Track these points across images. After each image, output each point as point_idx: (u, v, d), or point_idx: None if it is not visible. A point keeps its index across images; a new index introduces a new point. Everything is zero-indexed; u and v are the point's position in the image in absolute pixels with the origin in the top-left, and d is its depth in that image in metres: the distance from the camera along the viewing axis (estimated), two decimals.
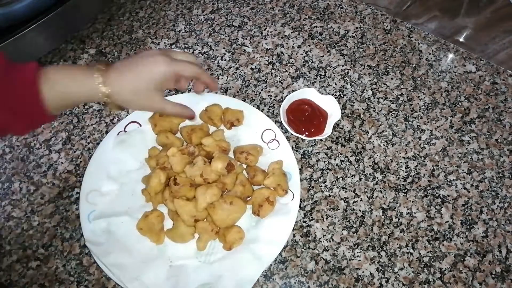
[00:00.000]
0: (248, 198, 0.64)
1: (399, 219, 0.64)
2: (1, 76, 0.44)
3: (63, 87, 0.47)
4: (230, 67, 0.79)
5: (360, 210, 0.65)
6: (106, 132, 0.72)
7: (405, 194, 0.66)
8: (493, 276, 0.60)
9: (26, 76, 0.45)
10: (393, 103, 0.74)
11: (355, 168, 0.68)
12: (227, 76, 0.78)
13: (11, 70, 0.45)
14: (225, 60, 0.80)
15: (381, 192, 0.66)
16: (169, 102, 0.55)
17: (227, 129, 0.70)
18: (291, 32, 0.83)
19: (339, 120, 0.70)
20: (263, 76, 0.78)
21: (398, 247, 0.62)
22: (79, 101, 0.52)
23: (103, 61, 0.50)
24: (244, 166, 0.67)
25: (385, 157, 0.69)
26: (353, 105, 0.74)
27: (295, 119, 0.69)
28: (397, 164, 0.69)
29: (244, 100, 0.74)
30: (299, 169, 0.67)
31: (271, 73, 0.78)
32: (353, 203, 0.65)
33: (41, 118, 0.48)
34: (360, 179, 0.67)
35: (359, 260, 0.61)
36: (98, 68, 0.49)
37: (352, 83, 0.77)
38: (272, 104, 0.75)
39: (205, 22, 0.85)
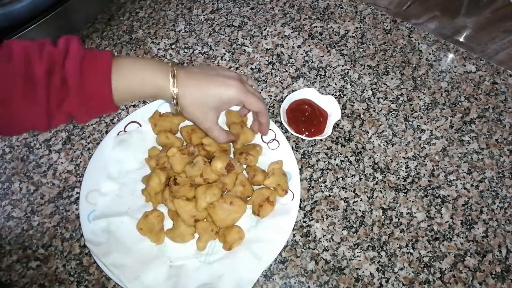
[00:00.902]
0: (248, 198, 0.64)
1: (399, 219, 0.64)
2: (79, 67, 0.44)
3: (132, 82, 0.48)
4: (230, 67, 0.79)
5: (360, 210, 0.65)
6: (106, 132, 0.72)
7: (405, 194, 0.66)
8: (493, 276, 0.60)
9: (101, 69, 0.45)
10: (393, 103, 0.74)
11: (355, 168, 0.68)
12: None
13: (88, 62, 0.45)
14: (225, 60, 0.80)
15: (381, 192, 0.66)
16: (218, 126, 0.57)
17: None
18: (291, 32, 0.83)
19: (339, 120, 0.70)
20: (263, 76, 0.78)
21: (398, 247, 0.62)
22: (146, 97, 0.52)
23: (172, 62, 0.51)
24: (244, 166, 0.67)
25: (385, 157, 0.69)
26: (353, 105, 0.74)
27: (295, 119, 0.69)
28: (397, 164, 0.69)
29: None
30: (299, 169, 0.67)
31: (271, 73, 0.78)
32: (353, 203, 0.65)
33: (107, 109, 0.48)
34: (360, 179, 0.67)
35: (359, 260, 0.61)
36: (170, 68, 0.50)
37: (352, 83, 0.77)
38: (272, 104, 0.75)
39: (205, 22, 0.85)
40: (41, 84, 0.42)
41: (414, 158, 0.69)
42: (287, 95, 0.71)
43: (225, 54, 0.81)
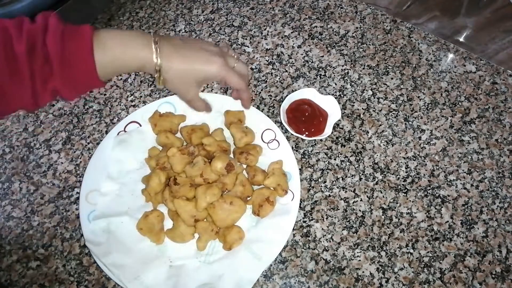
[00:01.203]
0: (248, 198, 0.64)
1: (399, 219, 0.64)
2: (60, 43, 0.43)
3: (115, 54, 0.47)
4: None
5: (360, 210, 0.65)
6: (106, 132, 0.72)
7: (405, 194, 0.66)
8: (493, 276, 0.60)
9: (82, 43, 0.45)
10: (393, 103, 0.74)
11: (355, 168, 0.68)
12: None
13: (68, 36, 0.44)
14: None
15: (381, 192, 0.66)
16: (198, 98, 0.58)
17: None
18: (291, 32, 0.83)
19: (339, 120, 0.70)
20: (263, 76, 0.78)
21: (398, 247, 0.62)
22: (130, 69, 0.51)
23: (154, 33, 0.51)
24: (244, 166, 0.67)
25: (385, 157, 0.69)
26: (353, 105, 0.74)
27: (295, 119, 0.69)
28: (397, 164, 0.69)
29: None
30: (299, 169, 0.67)
31: (271, 73, 0.78)
32: (353, 203, 0.65)
33: (92, 84, 0.48)
34: (360, 179, 0.67)
35: (359, 260, 0.61)
36: (153, 39, 0.49)
37: (352, 83, 0.77)
38: (272, 104, 0.75)
39: (205, 22, 0.85)
40: (23, 63, 0.42)
41: (414, 158, 0.69)
42: (287, 95, 0.71)
43: None
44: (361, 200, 0.66)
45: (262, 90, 0.76)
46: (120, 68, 0.49)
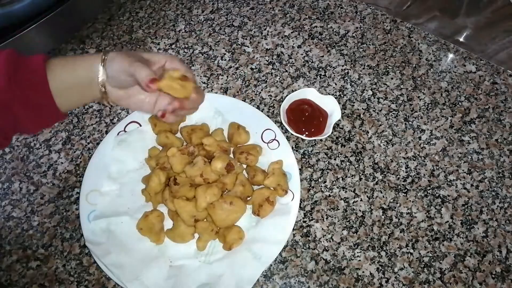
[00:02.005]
0: (248, 198, 0.64)
1: (399, 219, 0.64)
2: (13, 69, 0.43)
3: (65, 73, 0.47)
4: (230, 67, 0.79)
5: (360, 210, 0.65)
6: (106, 132, 0.72)
7: (405, 194, 0.66)
8: (493, 276, 0.60)
9: (35, 68, 0.45)
10: (393, 103, 0.74)
11: (355, 168, 0.68)
12: (227, 76, 0.78)
13: (21, 62, 0.44)
14: (225, 60, 0.80)
15: (381, 192, 0.66)
16: (142, 65, 0.49)
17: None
18: (291, 32, 0.83)
19: (339, 120, 0.70)
20: (263, 76, 0.78)
21: (398, 247, 0.62)
22: (81, 89, 0.48)
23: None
24: (244, 166, 0.67)
25: (385, 157, 0.69)
26: (353, 105, 0.74)
27: (295, 119, 0.69)
28: (397, 164, 0.69)
29: (244, 100, 0.74)
30: (299, 169, 0.67)
31: (271, 73, 0.78)
32: (353, 203, 0.65)
33: (51, 113, 0.47)
34: (360, 179, 0.67)
35: (359, 260, 0.61)
36: (102, 54, 0.48)
37: (352, 83, 0.77)
38: (272, 104, 0.75)
39: (205, 22, 0.85)
40: None
41: (414, 158, 0.69)
42: (287, 95, 0.71)
43: (225, 54, 0.81)
44: (361, 200, 0.66)
45: (262, 90, 0.76)
46: (72, 90, 0.48)
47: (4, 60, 0.44)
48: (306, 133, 0.68)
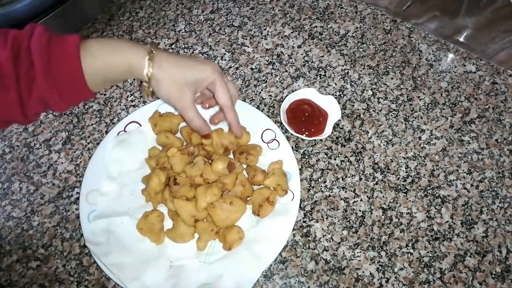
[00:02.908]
0: (248, 198, 0.64)
1: (399, 219, 0.64)
2: (45, 48, 0.42)
3: (104, 59, 0.46)
4: (230, 67, 0.79)
5: (360, 210, 0.65)
6: (106, 132, 0.72)
7: (405, 194, 0.66)
8: (493, 276, 0.60)
9: (68, 49, 0.44)
10: (393, 103, 0.75)
11: (355, 168, 0.68)
12: (227, 76, 0.78)
13: (54, 42, 0.44)
14: (225, 60, 0.80)
15: (381, 192, 0.66)
16: (195, 108, 0.54)
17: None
18: (291, 32, 0.83)
19: (339, 120, 0.70)
20: (263, 76, 0.78)
21: (398, 247, 0.62)
22: (119, 76, 0.49)
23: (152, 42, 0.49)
24: (244, 166, 0.67)
25: (385, 157, 0.69)
26: (353, 105, 0.74)
27: (295, 119, 0.69)
28: (397, 164, 0.69)
29: (244, 100, 0.74)
30: (299, 169, 0.67)
31: (271, 73, 0.78)
32: (353, 203, 0.65)
33: (81, 93, 0.47)
34: (360, 179, 0.67)
35: (359, 260, 0.61)
36: (146, 44, 0.49)
37: (352, 83, 0.77)
38: (272, 104, 0.75)
39: (205, 22, 0.85)
40: (7, 69, 0.41)
41: (414, 158, 0.69)
42: (287, 95, 0.71)
43: (225, 54, 0.81)
44: (361, 200, 0.66)
45: (262, 90, 0.76)
46: (110, 75, 0.48)
47: (43, 27, 0.43)
48: (306, 133, 0.68)
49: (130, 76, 0.49)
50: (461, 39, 0.83)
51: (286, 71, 0.78)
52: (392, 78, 0.77)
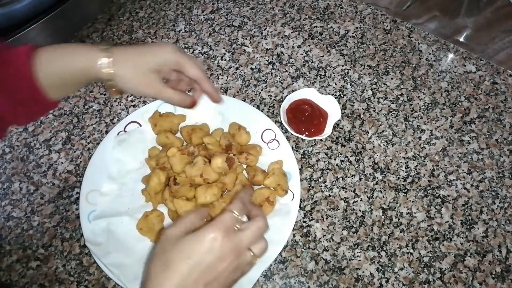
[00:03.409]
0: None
1: (399, 219, 0.64)
2: None
3: (59, 65, 0.44)
4: (230, 67, 0.79)
5: (360, 210, 0.65)
6: (106, 132, 0.72)
7: (405, 194, 0.66)
8: (493, 276, 0.60)
9: (19, 58, 0.42)
10: (393, 103, 0.74)
11: (355, 168, 0.68)
12: (227, 76, 0.78)
13: (5, 53, 0.42)
14: (225, 60, 0.80)
15: (381, 192, 0.66)
16: (166, 88, 0.51)
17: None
18: (291, 32, 0.83)
19: (339, 120, 0.70)
20: (263, 76, 0.78)
21: (398, 247, 0.62)
22: (78, 81, 0.47)
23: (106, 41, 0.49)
24: (244, 166, 0.67)
25: (385, 157, 0.69)
26: (353, 105, 0.74)
27: (295, 119, 0.69)
28: (397, 164, 0.69)
29: (244, 100, 0.74)
30: (299, 169, 0.67)
31: (271, 73, 0.78)
32: (353, 203, 0.65)
33: (40, 104, 0.45)
34: (360, 179, 0.67)
35: (359, 260, 0.61)
36: (101, 44, 0.47)
37: (352, 83, 0.77)
38: (272, 104, 0.75)
39: (205, 22, 0.85)
40: None
41: (414, 158, 0.69)
42: (287, 95, 0.71)
43: (225, 54, 0.81)
44: (361, 200, 0.66)
45: (262, 90, 0.76)
46: (67, 80, 0.46)
47: None
48: (306, 133, 0.68)
49: (90, 78, 0.47)
50: (461, 39, 0.83)
51: (286, 71, 0.78)
52: (392, 78, 0.77)
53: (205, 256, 0.39)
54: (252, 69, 0.79)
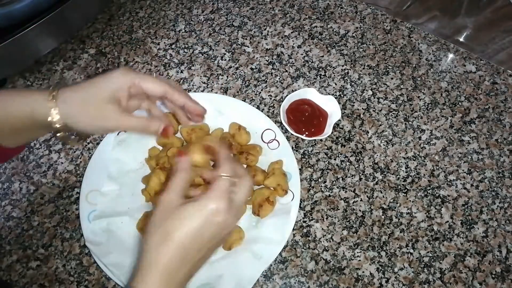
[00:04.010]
0: (248, 198, 0.64)
1: (399, 219, 0.64)
2: None
3: (5, 109, 0.41)
4: (230, 67, 0.79)
5: (360, 210, 0.65)
6: None
7: (405, 194, 0.66)
8: (493, 276, 0.60)
9: None
10: (393, 103, 0.74)
11: (355, 168, 0.68)
12: (227, 76, 0.78)
13: None
14: (225, 60, 0.80)
15: (381, 192, 0.66)
16: (127, 116, 0.45)
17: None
18: (291, 32, 0.83)
19: (339, 120, 0.70)
20: (263, 76, 0.78)
21: (398, 247, 0.62)
22: (28, 128, 0.44)
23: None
24: (244, 166, 0.67)
25: (385, 157, 0.69)
26: (353, 105, 0.74)
27: (295, 119, 0.69)
28: (397, 164, 0.69)
29: (244, 100, 0.74)
30: (299, 169, 0.67)
31: (271, 73, 0.78)
32: (353, 203, 0.65)
33: None
34: (360, 179, 0.67)
35: (359, 260, 0.61)
36: (50, 90, 0.43)
37: (352, 83, 0.77)
38: (272, 104, 0.75)
39: (205, 22, 0.85)
40: None
41: (414, 158, 0.69)
42: (287, 95, 0.71)
43: (225, 54, 0.81)
44: (361, 200, 0.66)
45: (262, 90, 0.76)
46: (16, 125, 0.43)
47: None
48: (306, 133, 0.68)
49: (38, 126, 0.43)
50: (461, 39, 0.83)
51: (286, 71, 0.78)
52: (392, 78, 0.77)
53: (207, 227, 0.39)
54: (252, 69, 0.79)
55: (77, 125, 0.43)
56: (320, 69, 0.78)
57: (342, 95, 0.75)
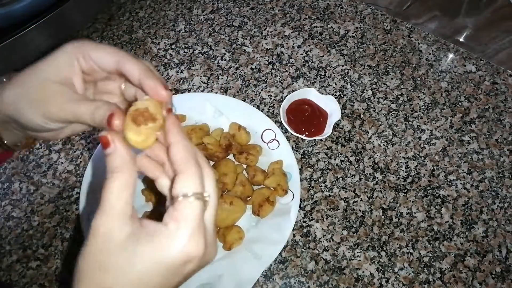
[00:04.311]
0: (248, 198, 0.64)
1: (399, 219, 0.64)
2: None
3: None
4: (230, 67, 0.79)
5: (360, 210, 0.65)
6: None
7: (405, 194, 0.66)
8: (493, 276, 0.60)
9: None
10: (393, 103, 0.74)
11: (355, 168, 0.68)
12: (227, 76, 0.78)
13: None
14: (225, 60, 0.80)
15: (381, 192, 0.66)
16: (82, 102, 0.33)
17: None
18: (291, 32, 0.83)
19: (339, 120, 0.70)
20: (263, 76, 0.78)
21: (398, 247, 0.62)
22: None
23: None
24: (244, 166, 0.67)
25: (385, 157, 0.69)
26: (353, 105, 0.74)
27: (295, 119, 0.69)
28: (397, 164, 0.69)
29: (244, 100, 0.74)
30: (299, 169, 0.67)
31: (271, 73, 0.78)
32: (353, 203, 0.65)
33: None
34: (360, 179, 0.67)
35: (359, 260, 0.61)
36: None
37: (352, 83, 0.77)
38: (272, 104, 0.75)
39: (205, 22, 0.85)
40: None
41: (414, 158, 0.69)
42: (287, 95, 0.71)
43: (225, 54, 0.81)
44: (361, 200, 0.66)
45: (262, 90, 0.76)
46: None
47: None
48: (306, 133, 0.68)
49: None
50: (461, 39, 0.83)
51: (286, 71, 0.78)
52: (392, 78, 0.77)
53: (169, 283, 0.28)
54: (252, 69, 0.79)
55: (18, 113, 0.34)
56: (320, 69, 0.78)
57: (342, 95, 0.75)
